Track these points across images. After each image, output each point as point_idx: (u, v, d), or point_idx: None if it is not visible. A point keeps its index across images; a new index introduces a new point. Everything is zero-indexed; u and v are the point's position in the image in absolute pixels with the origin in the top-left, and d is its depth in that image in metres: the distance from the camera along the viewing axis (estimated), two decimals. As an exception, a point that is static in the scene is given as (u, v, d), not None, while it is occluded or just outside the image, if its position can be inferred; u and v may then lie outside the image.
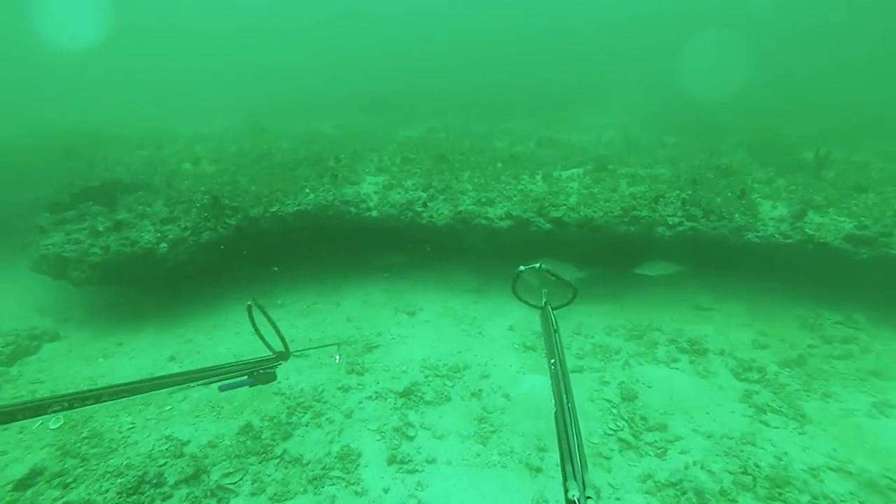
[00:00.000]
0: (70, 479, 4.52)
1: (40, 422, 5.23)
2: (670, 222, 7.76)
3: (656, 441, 5.25)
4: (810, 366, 6.49)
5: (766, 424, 5.44)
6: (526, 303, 3.13)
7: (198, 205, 7.84)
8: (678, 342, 6.93)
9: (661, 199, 8.01)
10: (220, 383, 4.80)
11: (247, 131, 13.98)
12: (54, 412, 2.64)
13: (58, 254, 6.94)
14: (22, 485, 4.44)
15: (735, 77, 20.75)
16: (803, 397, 5.90)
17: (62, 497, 4.31)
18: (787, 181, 9.12)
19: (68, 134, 12.69)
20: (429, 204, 8.21)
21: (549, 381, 5.67)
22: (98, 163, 10.83)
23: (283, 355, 5.10)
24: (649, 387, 6.10)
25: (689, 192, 8.19)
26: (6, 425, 2.50)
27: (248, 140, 12.63)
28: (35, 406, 2.55)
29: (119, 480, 4.51)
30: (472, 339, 7.14)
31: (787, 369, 6.46)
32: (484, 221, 7.95)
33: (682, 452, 5.08)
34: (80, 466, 4.68)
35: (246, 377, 4.90)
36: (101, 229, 7.26)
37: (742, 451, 4.98)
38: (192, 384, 4.58)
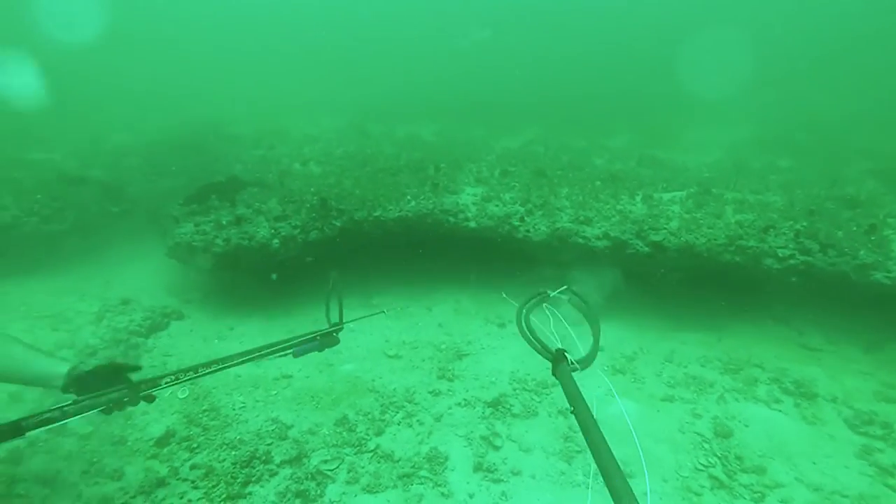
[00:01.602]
0: (195, 445, 5.07)
1: (171, 391, 5.91)
2: (780, 255, 7.30)
3: (752, 484, 4.99)
4: (946, 428, 5.85)
5: (892, 489, 4.98)
6: (535, 343, 2.69)
7: (307, 205, 8.43)
8: (781, 382, 6.51)
9: (771, 230, 7.55)
10: (293, 349, 5.21)
11: (351, 135, 14.77)
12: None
13: (188, 242, 7.77)
14: (161, 442, 5.06)
15: (871, 93, 19.00)
16: (936, 463, 5.34)
17: (189, 459, 4.86)
18: (927, 217, 8.25)
19: (196, 131, 14.05)
20: (526, 218, 8.29)
21: (637, 407, 5.57)
22: (220, 158, 11.96)
23: (339, 326, 5.40)
24: (746, 426, 5.79)
25: (805, 224, 7.65)
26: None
27: (353, 143, 13.34)
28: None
29: (234, 452, 5.00)
30: (559, 357, 7.12)
31: (917, 428, 5.86)
32: (580, 240, 7.90)
33: (782, 501, 4.79)
34: (202, 435, 5.23)
35: (315, 342, 5.27)
36: (224, 223, 8.02)
37: (856, 512, 4.62)
38: (270, 356, 5.03)
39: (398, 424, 5.61)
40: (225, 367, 4.59)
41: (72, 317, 7.41)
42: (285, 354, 5.28)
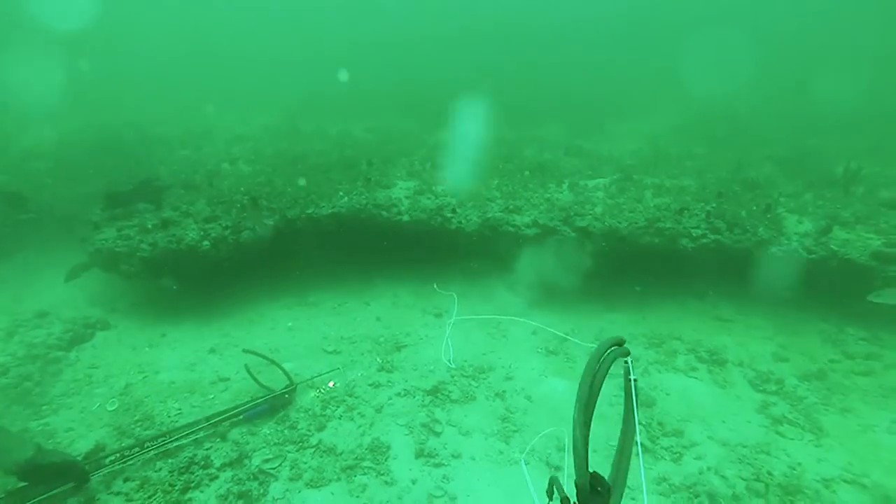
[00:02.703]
0: (126, 456, 4.92)
1: (98, 403, 5.69)
2: (694, 234, 7.91)
3: (672, 446, 5.45)
4: (830, 380, 6.61)
5: (782, 435, 5.61)
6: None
7: (238, 205, 8.26)
8: (697, 352, 7.10)
9: (685, 212, 8.16)
10: (244, 414, 5.33)
11: (282, 132, 14.46)
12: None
13: (110, 248, 7.42)
14: (89, 457, 4.86)
15: (772, 84, 20.55)
16: (821, 411, 6.03)
17: (122, 472, 4.72)
18: (814, 195, 9.17)
19: (117, 131, 13.28)
20: (458, 210, 8.50)
21: (569, 385, 5.88)
22: (143, 161, 11.40)
23: (292, 386, 5.59)
24: (667, 394, 6.29)
25: (714, 205, 8.32)
26: None
27: (284, 141, 13.09)
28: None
29: (171, 460, 4.90)
30: (496, 342, 7.40)
31: (807, 382, 6.58)
32: (511, 229, 8.21)
33: (697, 458, 5.28)
34: (136, 446, 5.08)
35: (266, 406, 5.44)
36: (149, 226, 7.72)
37: (756, 460, 5.16)
38: (219, 424, 5.07)
39: (339, 419, 5.67)
40: (173, 441, 4.60)
41: (-24, 335, 6.94)
42: (236, 419, 5.33)
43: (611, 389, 6.11)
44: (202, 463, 4.86)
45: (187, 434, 5.09)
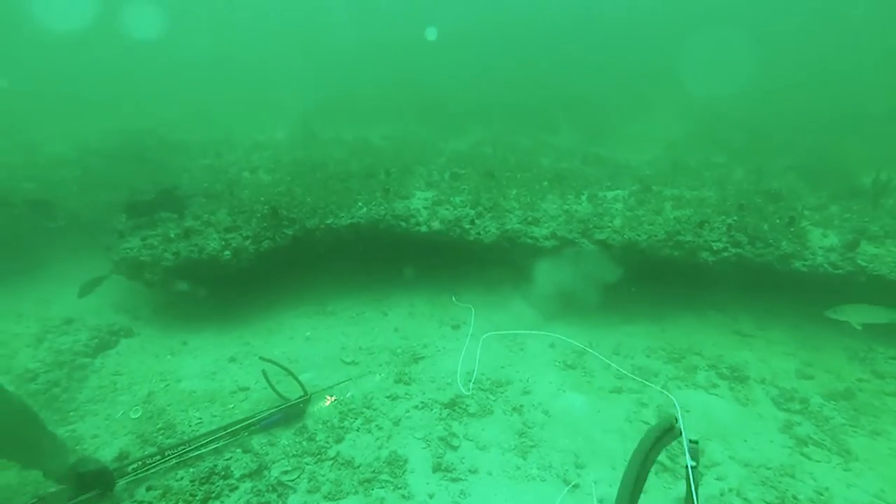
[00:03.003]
0: (150, 464, 5.00)
1: (122, 411, 5.80)
2: (714, 248, 7.80)
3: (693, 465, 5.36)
4: (859, 400, 6.46)
5: (808, 457, 5.49)
6: None
7: (258, 215, 8.37)
8: (718, 368, 7.00)
9: (705, 224, 8.06)
10: (261, 423, 5.40)
11: (300, 140, 14.65)
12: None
13: (135, 257, 7.58)
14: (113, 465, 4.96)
15: (792, 86, 20.23)
16: (849, 432, 5.89)
17: (145, 480, 4.80)
18: (840, 208, 9.01)
19: (139, 138, 13.57)
20: (476, 221, 8.51)
21: (588, 400, 5.85)
22: (165, 168, 11.62)
23: (305, 396, 5.65)
24: (687, 411, 6.21)
25: (736, 218, 8.20)
26: None
27: (302, 150, 13.24)
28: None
29: (192, 470, 4.97)
30: (514, 355, 7.38)
31: (833, 402, 6.44)
32: (529, 240, 8.19)
33: (718, 479, 5.20)
34: (158, 454, 5.16)
35: (280, 415, 5.51)
36: (172, 236, 7.87)
37: (780, 483, 5.06)
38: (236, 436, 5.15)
39: (357, 431, 5.70)
40: (192, 451, 4.69)
41: (7, 340, 7.12)
42: (251, 430, 5.42)
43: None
44: (223, 473, 4.92)
45: (206, 443, 5.16)
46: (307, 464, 5.19)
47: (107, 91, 19.27)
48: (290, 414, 5.75)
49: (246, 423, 5.50)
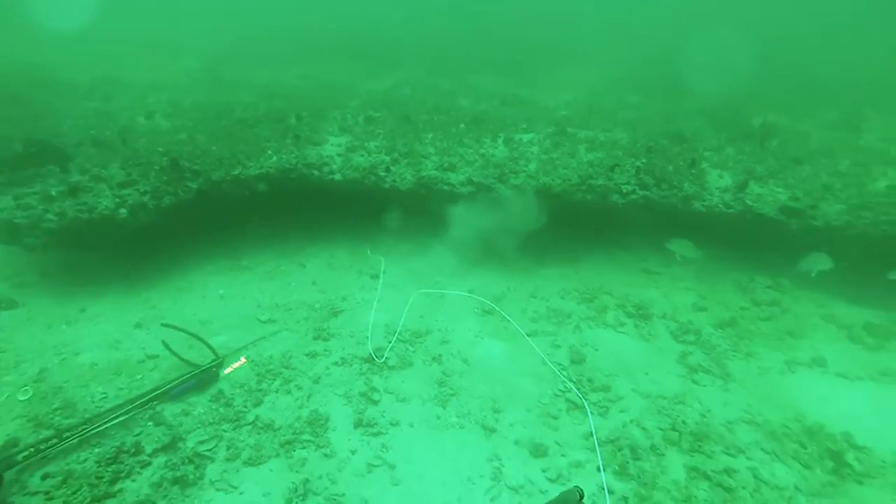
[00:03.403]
0: (44, 449, 4.69)
1: (7, 394, 5.33)
2: (624, 190, 8.11)
3: (600, 401, 5.80)
4: (740, 327, 7.18)
5: (697, 383, 6.09)
6: None
7: (156, 167, 7.67)
8: (625, 306, 7.48)
9: (616, 168, 8.32)
10: (172, 392, 5.12)
11: (203, 81, 13.40)
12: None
13: (8, 220, 6.76)
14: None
15: (713, 36, 20.76)
16: (731, 357, 6.58)
17: (40, 468, 4.50)
18: (735, 150, 9.55)
19: (10, 76, 11.87)
20: (392, 168, 8.28)
21: (505, 346, 6.06)
22: (44, 114, 10.27)
23: (218, 360, 5.43)
24: (596, 350, 6.63)
25: (644, 161, 8.52)
26: None
27: (205, 92, 12.14)
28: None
29: (97, 450, 4.72)
30: (434, 303, 7.48)
31: (721, 330, 7.12)
32: (446, 187, 8.12)
33: (621, 411, 5.66)
34: (54, 437, 4.84)
35: (193, 382, 5.25)
36: (54, 193, 7.06)
37: (673, 410, 5.60)
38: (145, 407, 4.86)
39: (276, 392, 5.63)
40: (97, 426, 4.30)
41: None
42: (160, 400, 5.07)
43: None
44: (132, 450, 4.71)
45: (112, 419, 4.89)
46: (225, 431, 5.08)
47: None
48: (204, 379, 5.56)
49: (155, 393, 5.25)
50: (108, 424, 4.86)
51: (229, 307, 7.22)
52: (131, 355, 6.08)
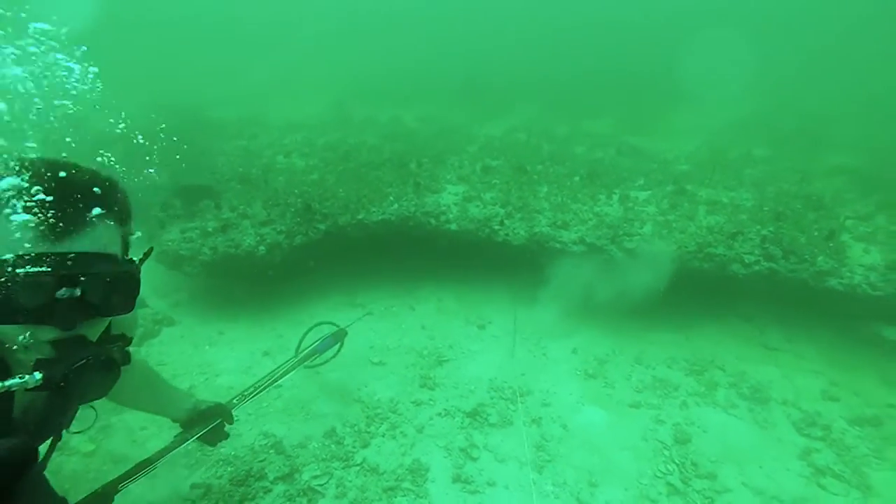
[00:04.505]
0: (192, 462, 5.41)
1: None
2: (746, 260, 7.67)
3: (704, 489, 5.51)
4: (887, 429, 6.40)
5: (824, 489, 5.55)
6: None
7: (292, 209, 8.57)
8: (739, 387, 7.01)
9: (739, 235, 7.90)
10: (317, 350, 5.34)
11: (334, 121, 14.71)
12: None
13: (175, 251, 7.92)
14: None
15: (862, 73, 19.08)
16: (872, 465, 5.90)
17: (188, 476, 5.21)
18: (888, 219, 8.61)
19: (178, 115, 13.85)
20: (506, 222, 8.53)
21: (605, 415, 5.97)
22: (204, 151, 11.90)
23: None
24: (704, 431, 6.30)
25: (772, 229, 8.00)
26: None
27: (336, 132, 13.32)
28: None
29: (230, 469, 5.36)
30: (536, 361, 7.54)
31: (858, 428, 6.42)
32: (558, 245, 8.20)
33: (728, 506, 5.33)
34: (199, 450, 5.56)
35: (330, 339, 5.48)
36: (210, 229, 8.16)
37: (791, 517, 5.17)
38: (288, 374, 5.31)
39: (383, 436, 6.00)
40: (276, 380, 4.84)
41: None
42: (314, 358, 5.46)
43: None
44: (257, 475, 5.29)
45: (281, 376, 5.23)
46: (335, 468, 5.52)
47: (143, 64, 19.54)
48: (338, 336, 5.99)
49: (306, 352, 5.62)
50: (274, 383, 5.19)
51: (345, 346, 7.79)
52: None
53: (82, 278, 1.62)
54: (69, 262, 1.58)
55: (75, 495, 5.01)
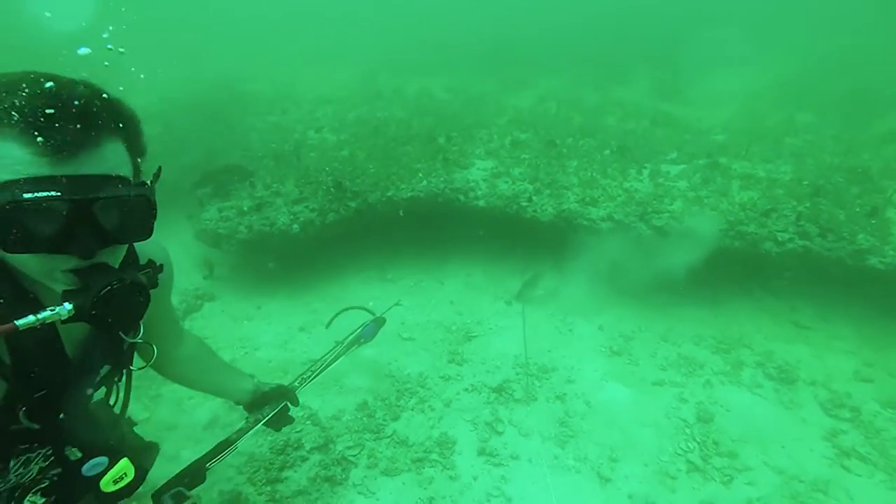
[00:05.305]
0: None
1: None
2: (779, 238, 7.52)
3: (724, 467, 5.62)
4: (920, 411, 6.34)
5: (848, 471, 5.57)
6: None
7: (323, 187, 8.77)
8: (765, 366, 6.98)
9: (772, 212, 7.72)
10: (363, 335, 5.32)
11: (362, 94, 14.73)
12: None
13: (214, 230, 8.28)
14: (207, 428, 5.88)
15: None
16: (902, 447, 5.87)
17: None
18: (936, 193, 8.26)
19: (213, 91, 14.13)
20: (534, 198, 8.54)
21: (629, 392, 6.10)
22: (236, 127, 12.18)
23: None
24: (727, 410, 6.36)
25: (808, 205, 7.79)
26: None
27: (365, 106, 13.37)
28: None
29: (269, 438, 5.76)
30: (562, 337, 7.68)
31: (891, 410, 6.36)
32: (585, 222, 8.19)
33: (748, 484, 5.44)
34: (241, 421, 5.96)
35: (372, 325, 5.52)
36: (245, 209, 8.46)
37: (811, 498, 5.24)
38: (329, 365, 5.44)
39: (412, 410, 6.31)
40: (328, 365, 4.81)
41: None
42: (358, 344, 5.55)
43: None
44: (295, 445, 5.68)
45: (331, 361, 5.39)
46: (367, 440, 5.86)
47: (182, 39, 19.79)
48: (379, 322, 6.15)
49: (351, 337, 5.83)
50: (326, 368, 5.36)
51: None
52: (296, 356, 7.20)
53: (94, 202, 1.50)
54: (78, 185, 1.45)
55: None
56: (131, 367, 2.35)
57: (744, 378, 6.86)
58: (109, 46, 3.93)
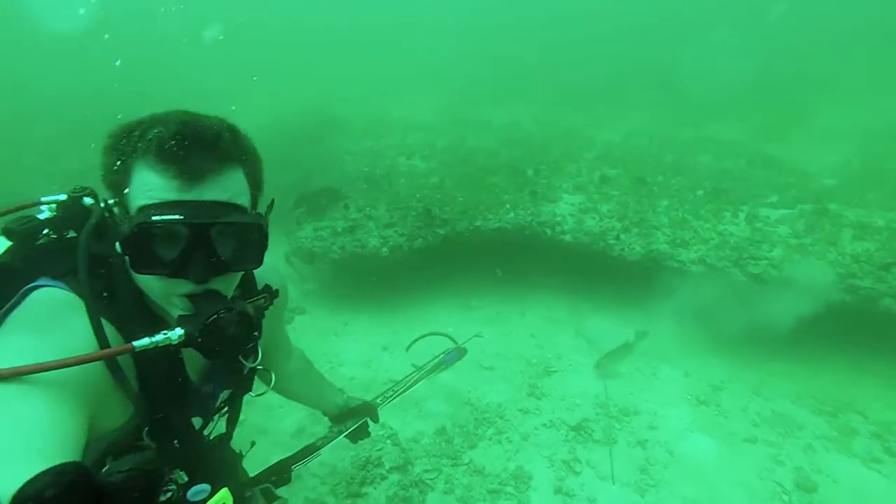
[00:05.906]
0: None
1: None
2: (901, 296, 6.93)
3: (830, 548, 5.19)
4: None
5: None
6: None
7: (413, 213, 9.13)
8: (885, 439, 6.37)
9: (893, 267, 7.13)
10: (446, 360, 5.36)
11: (450, 122, 15.23)
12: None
13: (309, 248, 8.84)
14: (295, 436, 6.20)
15: None
16: None
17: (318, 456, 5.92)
18: None
19: (311, 116, 15.13)
20: (622, 236, 8.43)
21: (716, 445, 5.81)
22: (334, 151, 12.96)
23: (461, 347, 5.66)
24: (834, 482, 5.87)
25: (934, 261, 7.13)
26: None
27: (453, 133, 13.81)
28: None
29: (351, 454, 5.99)
30: (644, 381, 7.45)
31: None
32: (675, 264, 7.96)
33: (856, 570, 4.99)
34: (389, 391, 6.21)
35: (454, 353, 5.53)
36: (339, 230, 8.97)
37: None
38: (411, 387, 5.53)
39: (490, 440, 6.35)
40: (410, 387, 4.96)
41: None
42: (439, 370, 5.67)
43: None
44: (375, 462, 5.88)
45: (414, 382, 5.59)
46: (444, 465, 5.96)
47: (283, 66, 21.43)
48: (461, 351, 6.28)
49: (435, 361, 6.01)
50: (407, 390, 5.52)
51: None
52: (378, 376, 7.47)
53: (212, 227, 1.56)
54: (200, 210, 1.56)
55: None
56: (251, 393, 2.38)
57: (855, 448, 6.29)
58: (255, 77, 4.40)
